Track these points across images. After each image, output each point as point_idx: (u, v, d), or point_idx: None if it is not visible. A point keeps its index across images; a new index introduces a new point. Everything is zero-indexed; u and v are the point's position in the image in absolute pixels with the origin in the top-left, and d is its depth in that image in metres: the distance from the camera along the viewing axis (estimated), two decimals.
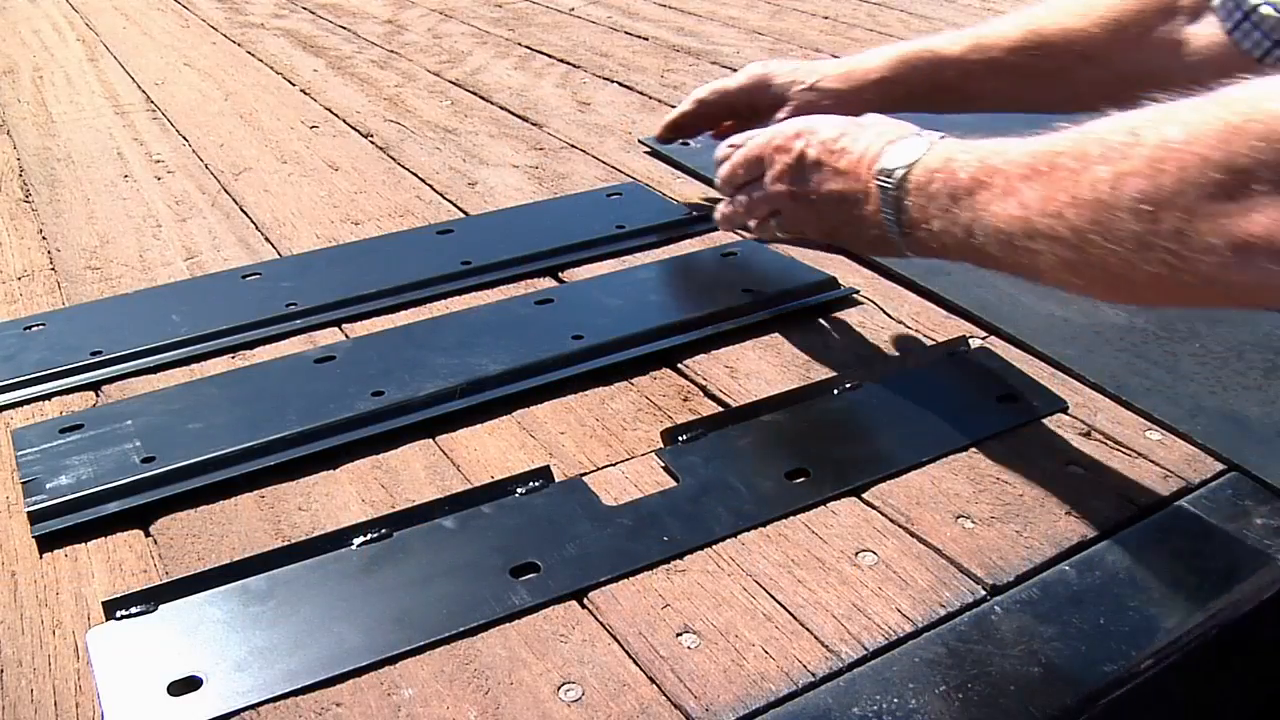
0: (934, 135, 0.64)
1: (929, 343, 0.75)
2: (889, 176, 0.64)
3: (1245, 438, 0.64)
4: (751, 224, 0.80)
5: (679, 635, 0.51)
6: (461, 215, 0.98)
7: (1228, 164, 0.47)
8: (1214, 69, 0.61)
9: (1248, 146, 0.46)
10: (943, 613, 0.52)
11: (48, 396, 0.71)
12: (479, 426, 0.67)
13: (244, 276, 0.86)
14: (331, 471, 0.63)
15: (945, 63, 0.87)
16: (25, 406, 0.70)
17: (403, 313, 0.81)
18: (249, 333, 0.77)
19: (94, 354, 0.74)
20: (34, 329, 0.79)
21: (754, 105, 0.93)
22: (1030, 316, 0.77)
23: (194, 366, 0.74)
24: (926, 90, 0.88)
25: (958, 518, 0.58)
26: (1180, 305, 0.74)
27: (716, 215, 0.84)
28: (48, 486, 0.60)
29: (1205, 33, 0.81)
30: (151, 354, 0.75)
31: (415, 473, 0.63)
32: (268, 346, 0.77)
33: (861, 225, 0.68)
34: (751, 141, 0.77)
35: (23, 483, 0.61)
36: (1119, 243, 0.50)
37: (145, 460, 0.62)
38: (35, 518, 0.59)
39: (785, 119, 0.85)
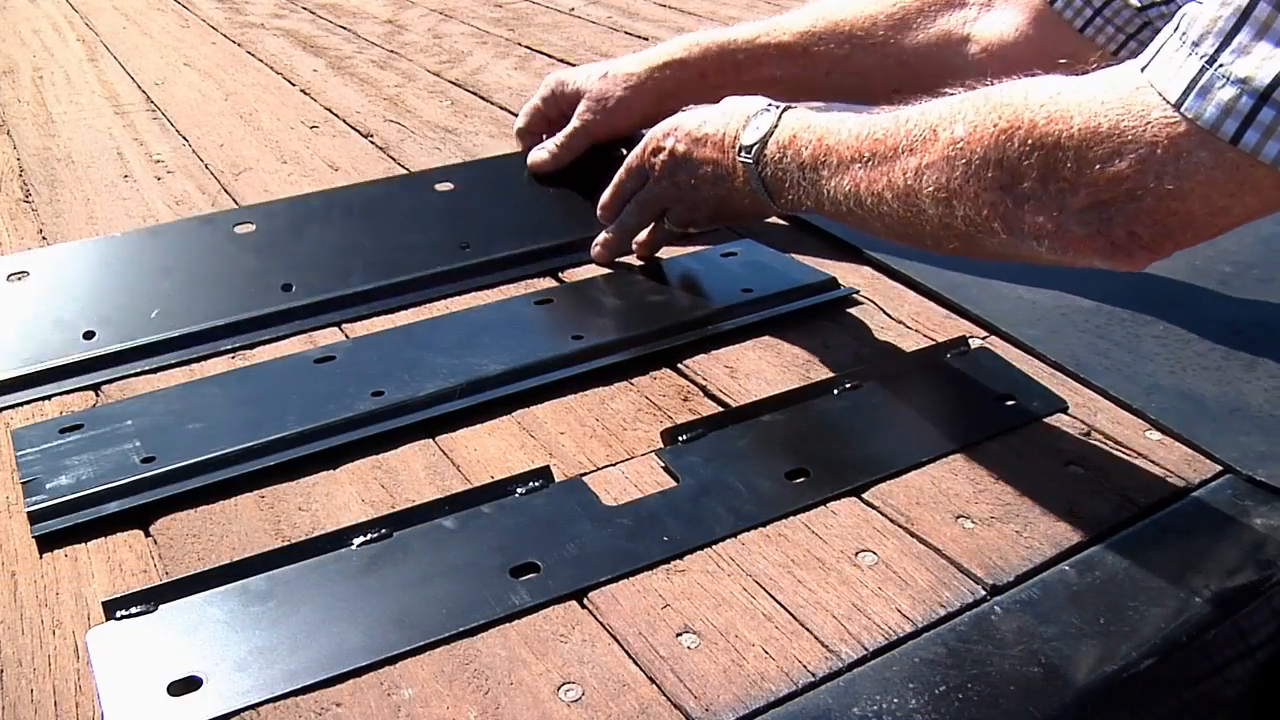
0: (780, 106, 0.72)
1: (929, 343, 0.75)
2: (748, 153, 0.72)
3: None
4: (642, 237, 0.85)
5: (679, 635, 0.51)
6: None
7: (1000, 162, 0.55)
8: (1001, 64, 0.66)
9: (1015, 149, 0.54)
10: (943, 613, 0.52)
11: (48, 397, 0.71)
12: (479, 426, 0.67)
13: (234, 225, 0.87)
14: (331, 471, 0.63)
15: (736, 46, 0.92)
16: (25, 406, 0.70)
17: (403, 313, 0.81)
18: (250, 333, 0.77)
19: (87, 335, 0.75)
20: (16, 278, 0.78)
21: (560, 108, 0.98)
22: (1028, 312, 0.77)
23: (194, 366, 0.74)
24: (718, 71, 0.92)
25: (958, 518, 0.58)
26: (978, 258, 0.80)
27: (594, 250, 0.86)
28: (48, 486, 0.60)
29: (995, 30, 0.86)
30: (152, 354, 0.75)
31: (415, 473, 0.63)
32: (268, 346, 0.77)
33: (739, 195, 0.76)
34: (628, 158, 0.84)
35: (23, 483, 0.61)
36: (926, 222, 0.60)
37: (145, 460, 0.62)
38: (35, 518, 0.59)
39: (585, 110, 0.94)
